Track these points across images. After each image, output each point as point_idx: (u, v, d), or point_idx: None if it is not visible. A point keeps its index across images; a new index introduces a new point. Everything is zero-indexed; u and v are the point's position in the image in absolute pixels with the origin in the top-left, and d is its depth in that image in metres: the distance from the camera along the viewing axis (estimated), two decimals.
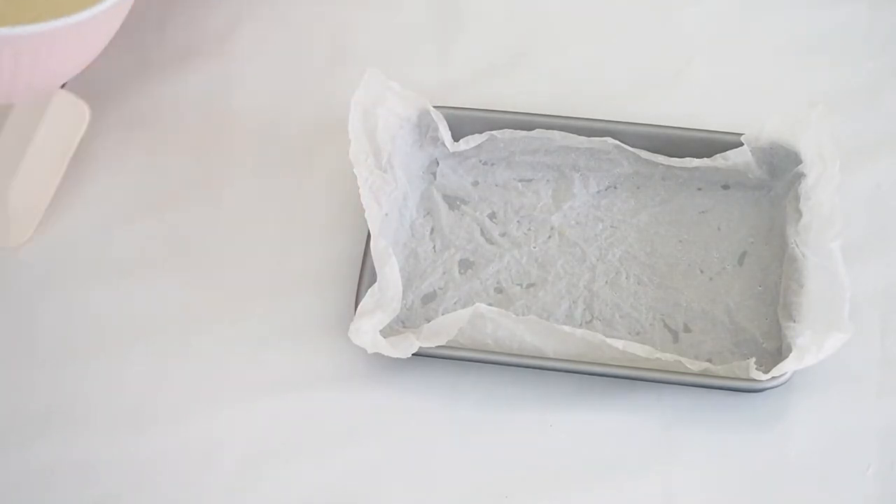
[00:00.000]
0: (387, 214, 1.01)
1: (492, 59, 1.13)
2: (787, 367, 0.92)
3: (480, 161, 1.07)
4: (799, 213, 0.99)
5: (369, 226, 0.98)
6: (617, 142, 1.04)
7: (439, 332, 0.95)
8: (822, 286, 0.95)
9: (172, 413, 0.98)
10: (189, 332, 1.01)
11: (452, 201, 1.06)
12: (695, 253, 1.02)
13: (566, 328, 0.95)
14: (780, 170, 1.03)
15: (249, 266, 1.04)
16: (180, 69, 1.13)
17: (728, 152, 1.03)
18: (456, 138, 1.06)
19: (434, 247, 1.04)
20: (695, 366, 0.94)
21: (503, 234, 1.04)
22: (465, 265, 1.03)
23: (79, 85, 1.11)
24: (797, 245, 0.98)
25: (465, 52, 1.14)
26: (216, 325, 1.01)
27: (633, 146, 1.04)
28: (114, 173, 1.08)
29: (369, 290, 0.96)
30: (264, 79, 1.13)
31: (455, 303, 1.01)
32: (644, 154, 1.05)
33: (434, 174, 1.07)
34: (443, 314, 0.98)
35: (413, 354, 0.95)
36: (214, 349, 1.00)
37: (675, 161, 1.04)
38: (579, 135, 1.05)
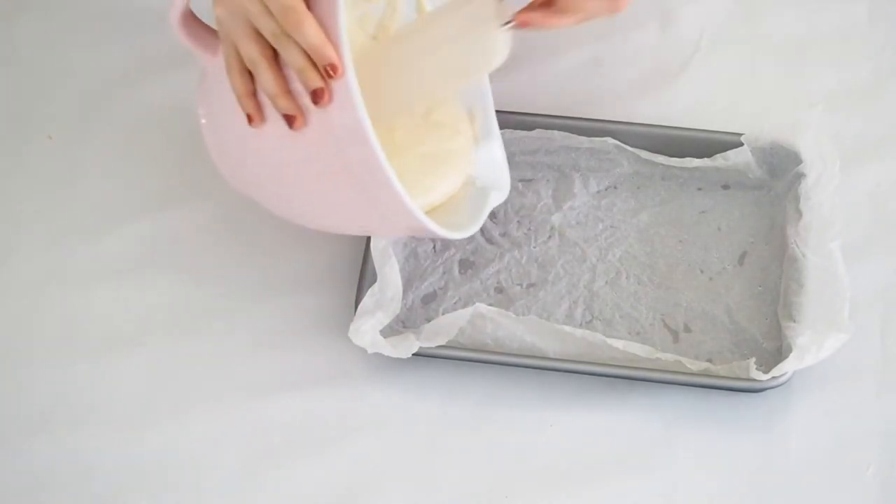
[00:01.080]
0: None
1: None
2: (787, 366, 0.92)
3: None
4: (799, 213, 0.99)
5: None
6: (617, 142, 1.04)
7: (439, 331, 0.95)
8: (822, 286, 0.95)
9: (172, 413, 0.98)
10: (189, 332, 1.01)
11: None
12: (695, 253, 1.02)
13: (566, 328, 0.95)
14: (781, 170, 1.03)
15: (249, 266, 1.04)
16: (180, 67, 1.13)
17: (728, 152, 1.03)
18: None
19: (434, 247, 1.04)
20: (695, 366, 0.94)
21: (503, 234, 1.04)
22: (465, 265, 1.03)
23: (76, 83, 1.11)
24: (797, 245, 0.98)
25: None
26: (216, 325, 1.01)
27: (633, 146, 1.04)
28: (113, 173, 1.09)
29: (369, 290, 0.96)
30: None
31: (455, 303, 1.01)
32: (644, 154, 1.04)
33: None
34: (443, 314, 0.98)
35: (413, 354, 0.95)
36: (214, 349, 1.00)
37: (675, 161, 1.04)
38: (579, 135, 1.05)
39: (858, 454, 0.94)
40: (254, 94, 0.87)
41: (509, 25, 0.89)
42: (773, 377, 0.93)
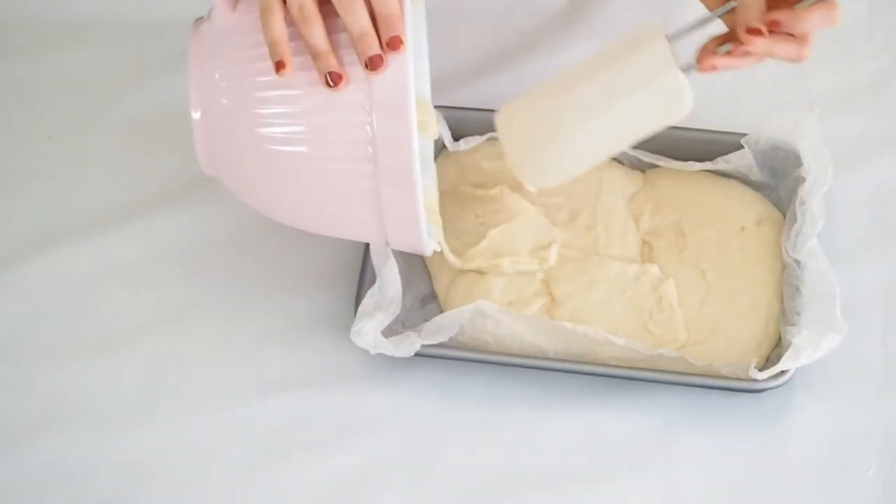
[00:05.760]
0: None
1: (491, 58, 1.13)
2: (782, 365, 0.92)
3: None
4: (794, 219, 0.99)
5: None
6: None
7: (441, 329, 0.95)
8: (813, 288, 0.95)
9: (173, 413, 0.98)
10: (189, 333, 1.01)
11: None
12: None
13: (567, 324, 0.94)
14: (782, 172, 1.02)
15: (249, 267, 1.04)
16: (180, 69, 1.13)
17: (730, 155, 1.03)
18: (456, 138, 1.06)
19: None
20: (698, 361, 0.94)
21: None
22: None
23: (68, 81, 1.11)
24: (786, 250, 0.98)
25: (464, 51, 1.14)
26: (217, 325, 1.01)
27: (635, 148, 1.04)
28: (112, 173, 1.09)
29: (369, 292, 0.96)
30: None
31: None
32: (646, 156, 1.04)
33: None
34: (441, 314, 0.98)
35: (414, 354, 0.95)
36: (215, 349, 1.00)
37: (676, 164, 1.04)
38: None
39: (859, 455, 0.94)
40: (286, 42, 0.81)
41: (693, 70, 0.84)
42: (771, 377, 0.93)
